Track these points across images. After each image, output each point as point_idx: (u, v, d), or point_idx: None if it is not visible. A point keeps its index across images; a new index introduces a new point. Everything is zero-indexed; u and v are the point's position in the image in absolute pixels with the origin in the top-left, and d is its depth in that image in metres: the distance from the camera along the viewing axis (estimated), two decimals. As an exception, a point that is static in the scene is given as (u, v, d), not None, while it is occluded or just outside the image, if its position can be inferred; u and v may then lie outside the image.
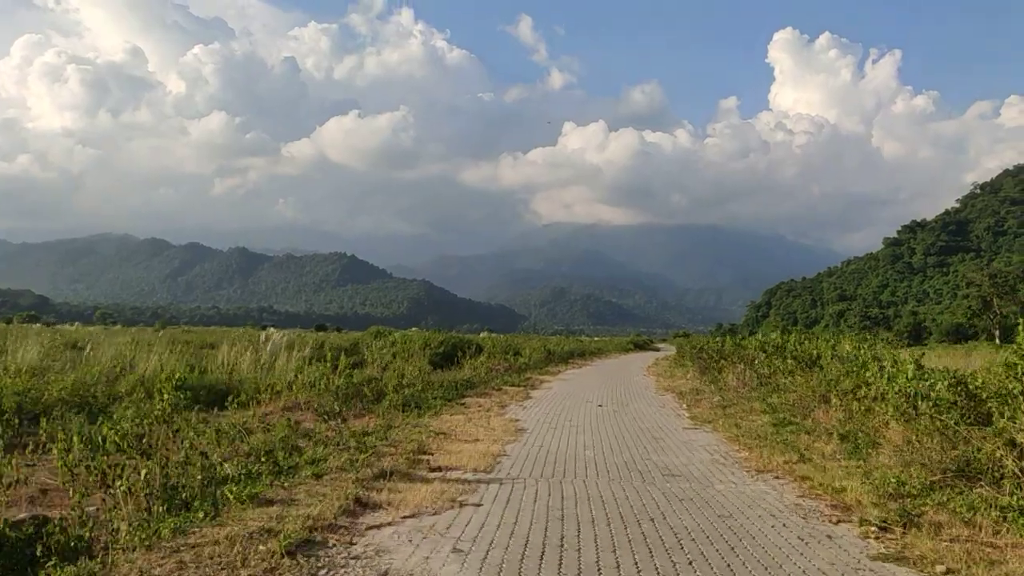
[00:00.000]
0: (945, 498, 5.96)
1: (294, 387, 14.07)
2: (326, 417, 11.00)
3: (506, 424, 11.37)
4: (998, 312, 76.22)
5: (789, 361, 13.50)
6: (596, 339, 69.89)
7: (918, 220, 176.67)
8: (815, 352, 13.09)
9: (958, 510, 5.65)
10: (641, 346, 59.44)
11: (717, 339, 26.23)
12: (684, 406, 14.74)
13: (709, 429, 11.30)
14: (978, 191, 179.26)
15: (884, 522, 5.50)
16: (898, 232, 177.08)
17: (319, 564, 4.59)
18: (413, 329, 26.82)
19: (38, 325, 51.48)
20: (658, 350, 58.76)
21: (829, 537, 5.38)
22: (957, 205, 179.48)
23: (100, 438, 5.95)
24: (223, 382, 16.73)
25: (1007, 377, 6.24)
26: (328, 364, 16.29)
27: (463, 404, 14.40)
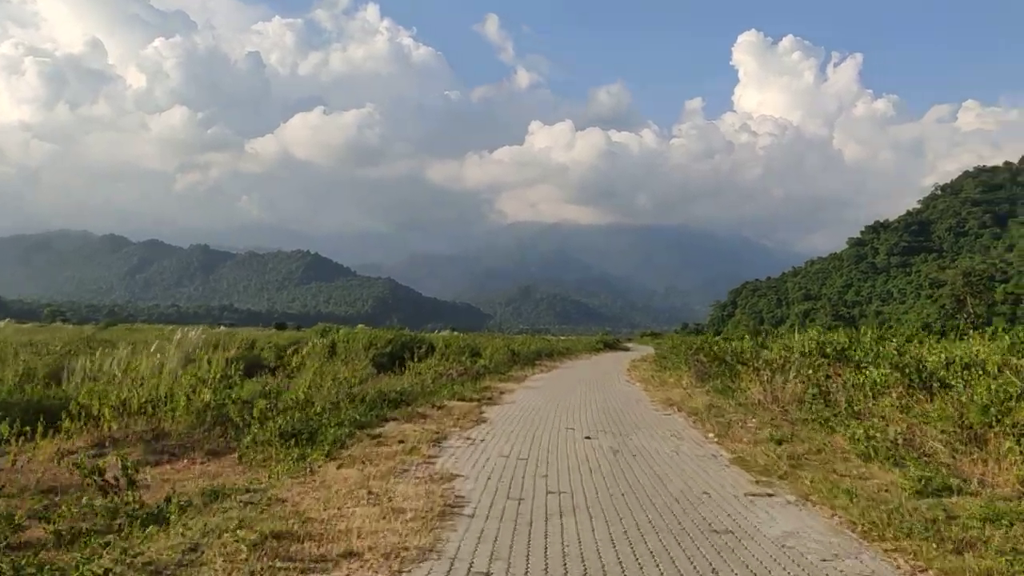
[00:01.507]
0: None
1: (104, 413, 8.96)
2: (98, 480, 5.86)
3: (427, 491, 6.26)
4: (972, 311, 73.73)
5: (883, 371, 8.64)
6: (563, 338, 65.10)
7: (881, 221, 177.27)
8: (936, 358, 8.18)
9: None
10: (611, 345, 54.67)
11: (716, 338, 21.44)
12: (712, 437, 9.91)
13: (790, 494, 6.40)
14: (939, 192, 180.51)
15: None
16: (862, 232, 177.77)
17: None
18: (360, 326, 21.99)
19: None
20: (628, 350, 54.39)
21: None
22: (918, 206, 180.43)
23: None
24: (57, 398, 11.73)
25: None
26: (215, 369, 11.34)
27: (377, 437, 9.40)
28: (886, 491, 6.13)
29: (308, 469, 7.24)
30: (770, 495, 6.44)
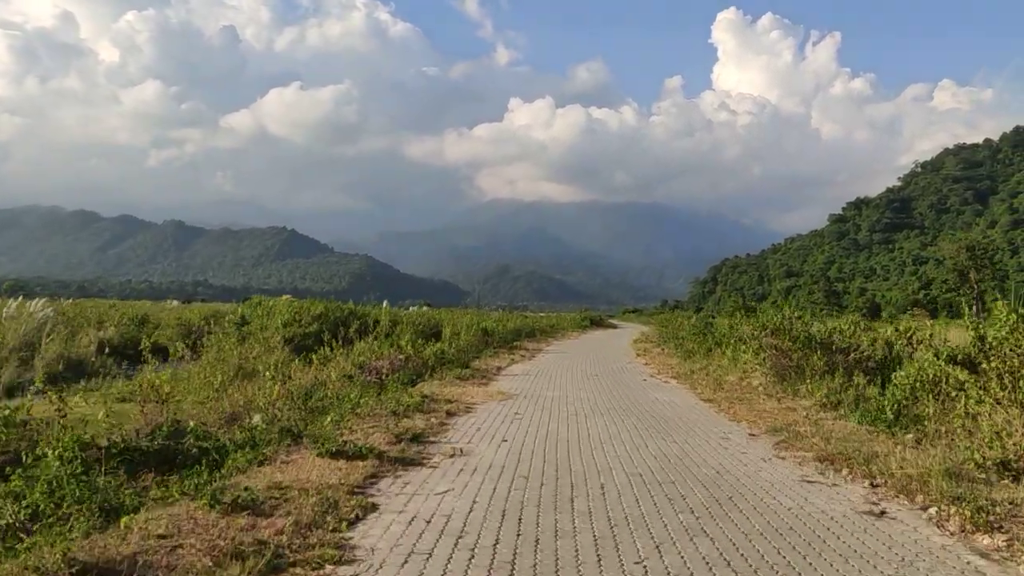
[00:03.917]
0: None
1: None
2: None
3: None
4: (975, 286, 70.77)
5: None
6: (543, 315, 61.90)
7: (862, 197, 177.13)
8: None
9: None
10: (596, 322, 51.45)
11: (796, 318, 14.41)
12: None
13: None
14: (919, 170, 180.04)
15: None
16: (843, 209, 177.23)
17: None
18: (285, 297, 17.94)
19: None
20: (616, 327, 51.47)
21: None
22: (899, 183, 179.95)
23: None
24: None
25: None
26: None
27: None
28: None
29: None
30: None
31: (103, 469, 5.30)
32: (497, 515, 5.22)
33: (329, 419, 7.96)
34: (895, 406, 8.36)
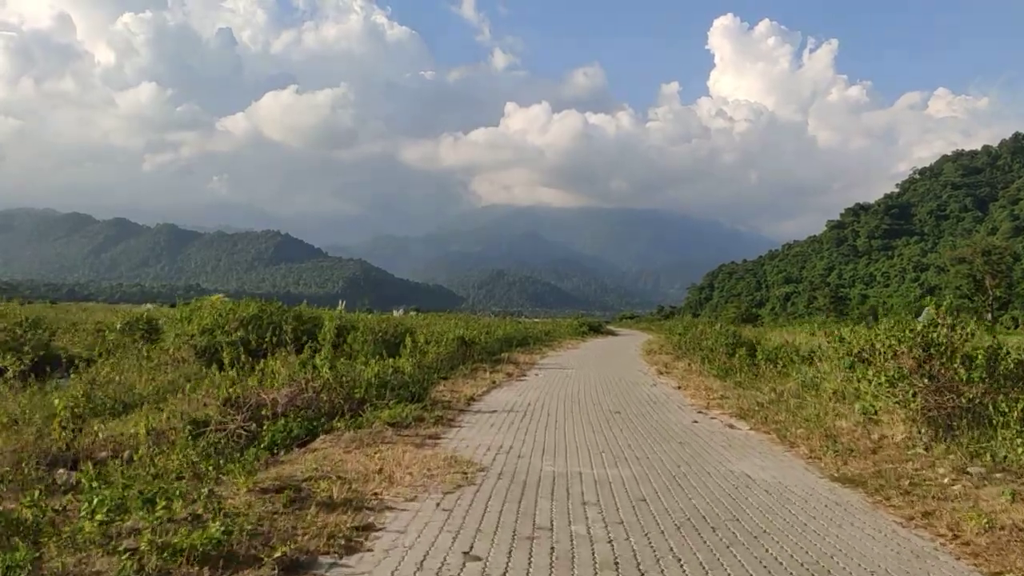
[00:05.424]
0: None
1: None
2: None
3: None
4: (991, 293, 67.52)
5: None
6: (538, 321, 58.98)
7: (861, 203, 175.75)
8: None
9: None
10: (595, 329, 48.45)
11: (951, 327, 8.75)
12: None
13: None
14: (917, 176, 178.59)
15: None
16: (841, 215, 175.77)
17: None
18: (216, 296, 14.74)
19: None
20: (615, 334, 48.73)
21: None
22: (897, 190, 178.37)
23: None
24: None
25: None
26: None
27: None
28: None
29: None
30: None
31: None
32: None
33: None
34: None
